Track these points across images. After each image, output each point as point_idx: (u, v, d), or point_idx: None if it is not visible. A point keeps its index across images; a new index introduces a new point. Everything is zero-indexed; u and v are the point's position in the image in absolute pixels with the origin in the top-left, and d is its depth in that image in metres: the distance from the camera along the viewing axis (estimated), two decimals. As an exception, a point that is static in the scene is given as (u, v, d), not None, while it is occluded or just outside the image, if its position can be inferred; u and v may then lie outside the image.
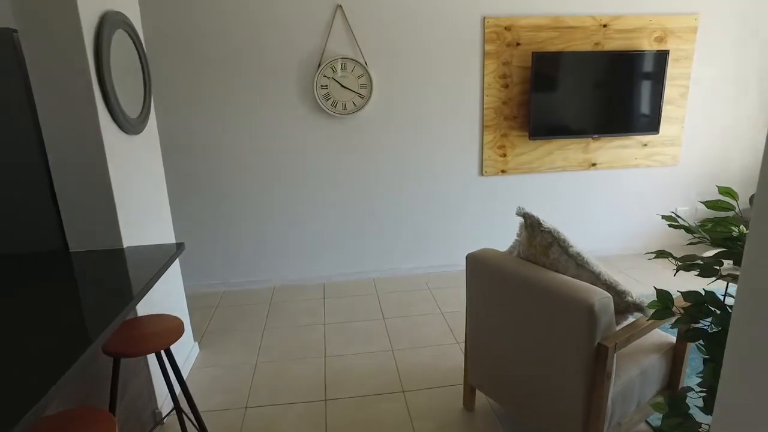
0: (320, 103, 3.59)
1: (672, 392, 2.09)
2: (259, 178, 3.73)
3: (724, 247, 1.33)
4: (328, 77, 3.57)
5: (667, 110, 4.07)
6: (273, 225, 3.83)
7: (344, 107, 3.63)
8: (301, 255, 3.93)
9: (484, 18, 3.63)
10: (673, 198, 4.39)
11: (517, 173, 4.01)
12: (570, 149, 4.04)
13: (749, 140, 4.41)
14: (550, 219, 4.19)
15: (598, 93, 3.85)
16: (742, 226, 1.30)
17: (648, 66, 3.86)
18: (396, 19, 3.55)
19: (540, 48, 3.74)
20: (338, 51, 3.55)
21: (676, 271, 1.39)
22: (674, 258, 1.43)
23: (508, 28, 3.66)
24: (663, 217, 1.44)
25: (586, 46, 3.81)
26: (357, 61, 3.56)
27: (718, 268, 1.33)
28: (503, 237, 4.15)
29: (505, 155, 3.95)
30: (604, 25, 3.80)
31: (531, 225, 1.91)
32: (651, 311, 1.72)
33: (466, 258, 2.12)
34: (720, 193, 1.37)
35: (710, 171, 4.40)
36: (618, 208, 4.30)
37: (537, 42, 3.73)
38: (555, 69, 3.72)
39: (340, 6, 3.48)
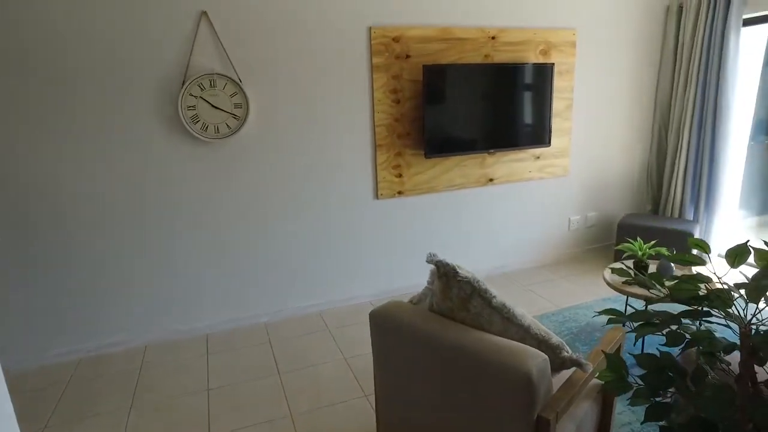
0: (187, 126, 3.03)
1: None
2: (115, 216, 3.07)
3: (688, 306, 1.10)
4: (196, 96, 3.03)
5: (555, 122, 4.07)
6: (139, 271, 3.18)
7: (217, 130, 3.11)
8: (176, 304, 3.31)
9: (370, 28, 3.32)
10: (566, 208, 4.43)
11: (415, 194, 3.76)
12: (467, 165, 3.88)
13: (627, 148, 4.60)
14: (451, 239, 3.99)
15: (491, 106, 3.72)
16: (711, 284, 1.08)
17: (536, 79, 3.82)
18: (272, 29, 3.12)
19: (431, 60, 3.52)
20: (206, 65, 3.04)
21: (636, 341, 1.14)
22: (628, 320, 1.17)
23: (396, 40, 3.39)
24: (601, 312, 1.19)
25: (476, 58, 3.67)
26: (229, 77, 3.06)
27: (685, 334, 1.09)
28: (404, 265, 3.87)
29: (401, 176, 3.67)
30: (493, 38, 3.69)
31: (445, 275, 1.59)
32: (589, 365, 1.48)
33: (370, 316, 1.75)
34: (690, 245, 1.14)
35: (596, 179, 4.50)
36: (517, 222, 4.23)
37: (427, 54, 3.50)
38: (447, 82, 3.52)
39: (205, 13, 2.97)
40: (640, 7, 4.26)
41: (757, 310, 1.07)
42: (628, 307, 3.33)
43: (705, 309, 1.07)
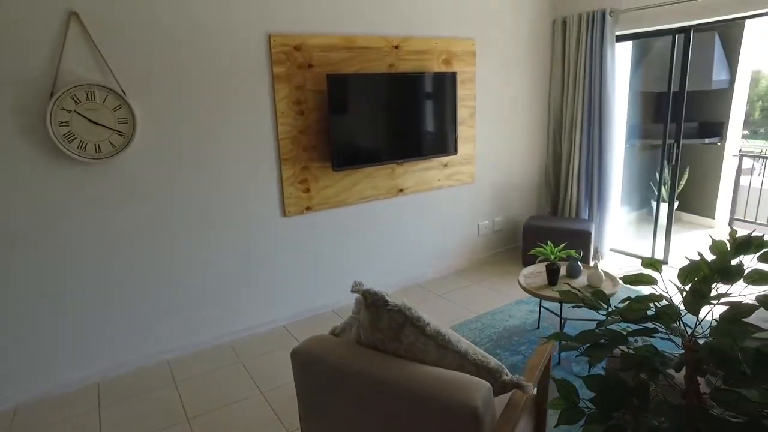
0: (61, 145, 2.62)
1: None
2: (-32, 258, 2.56)
3: (638, 325, 1.06)
4: (69, 110, 2.63)
5: (460, 130, 4.12)
6: (8, 316, 2.68)
7: (98, 149, 2.72)
8: (58, 351, 2.84)
9: (269, 36, 3.11)
10: (475, 214, 4.51)
11: (324, 209, 3.59)
12: (377, 177, 3.79)
13: (527, 154, 4.80)
14: (364, 253, 3.87)
15: (398, 116, 3.67)
16: (662, 302, 1.04)
17: (440, 88, 3.84)
18: (161, 36, 2.80)
19: (334, 70, 3.38)
20: (81, 75, 2.64)
21: (590, 367, 1.07)
22: (579, 345, 1.10)
23: (298, 48, 3.21)
24: (549, 338, 1.12)
25: (381, 67, 3.60)
26: (110, 89, 2.69)
27: (651, 354, 1.04)
28: (319, 283, 3.68)
29: (308, 190, 3.49)
30: (396, 47, 3.64)
31: (374, 304, 1.45)
32: (530, 386, 1.41)
33: (292, 355, 1.57)
34: (643, 265, 1.10)
35: (501, 185, 4.64)
36: (429, 232, 4.22)
37: (331, 63, 3.37)
38: (352, 92, 3.41)
39: (76, 14, 2.59)
40: (529, 20, 4.47)
41: (698, 322, 1.06)
42: (542, 309, 3.43)
43: (653, 326, 1.04)
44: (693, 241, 5.16)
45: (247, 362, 3.10)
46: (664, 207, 4.82)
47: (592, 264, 3.04)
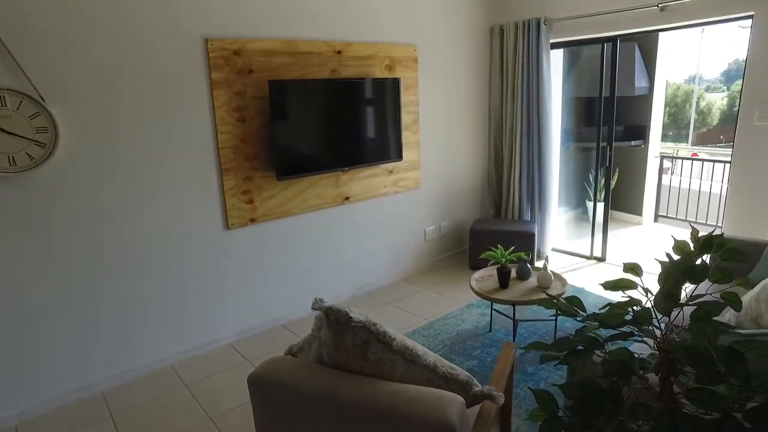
0: (-34, 158, 2.34)
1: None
2: None
3: (616, 331, 1.04)
4: (-24, 119, 2.35)
5: (404, 136, 4.10)
6: None
7: (13, 162, 2.46)
8: (-32, 392, 2.52)
9: (206, 39, 2.95)
10: (421, 219, 4.50)
11: (268, 220, 3.45)
12: (322, 185, 3.69)
13: (470, 158, 4.86)
14: (311, 264, 3.76)
15: (342, 123, 3.60)
16: (641, 306, 1.03)
17: (384, 94, 3.81)
18: (85, 38, 2.56)
19: (276, 75, 3.26)
20: (-12, 80, 2.37)
21: (573, 376, 1.05)
22: (558, 355, 1.07)
23: (237, 53, 3.07)
24: (528, 348, 1.08)
25: (323, 72, 3.51)
26: (25, 95, 2.44)
27: (627, 359, 1.02)
28: (266, 297, 3.52)
29: (252, 201, 3.34)
30: (339, 52, 3.57)
31: (337, 321, 1.37)
32: (501, 396, 1.38)
33: (249, 382, 1.45)
34: (624, 270, 1.08)
35: (446, 189, 4.67)
36: (376, 239, 4.17)
37: (272, 69, 3.24)
38: (295, 98, 3.30)
39: (-19, 14, 2.32)
40: (469, 27, 4.54)
41: (670, 323, 1.06)
42: (493, 312, 3.45)
43: (629, 330, 1.03)
44: (626, 238, 5.42)
45: (192, 386, 2.90)
46: (598, 206, 5.04)
47: (541, 265, 3.10)
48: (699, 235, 1.12)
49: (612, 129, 4.39)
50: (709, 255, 1.09)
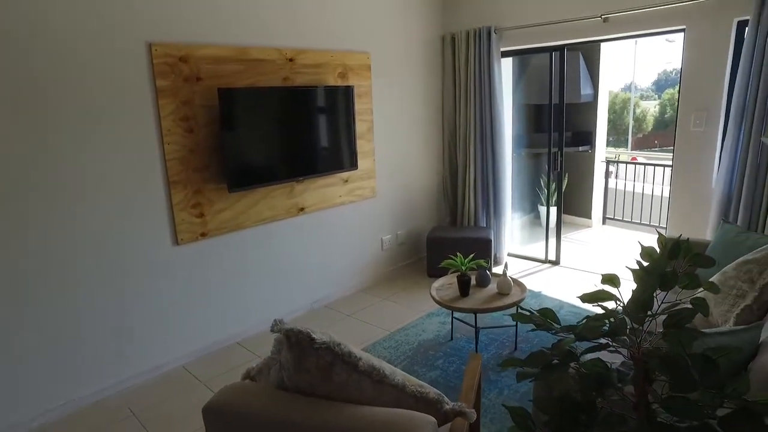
0: None
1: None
2: None
3: (592, 342, 1.01)
4: None
5: (359, 144, 4.05)
6: None
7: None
8: None
9: (150, 45, 2.79)
10: (378, 228, 4.45)
11: (221, 234, 3.30)
12: (275, 197, 3.57)
13: (425, 165, 4.86)
14: (266, 278, 3.62)
15: (295, 132, 3.51)
16: (617, 317, 1.00)
17: (338, 102, 3.75)
18: (16, 39, 2.36)
19: (226, 83, 3.13)
20: None
21: (556, 393, 1.01)
22: (532, 371, 1.03)
23: (184, 59, 2.92)
24: (504, 364, 1.05)
25: (275, 81, 3.41)
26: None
27: (603, 370, 1.00)
28: (219, 315, 3.36)
29: (202, 215, 3.18)
30: (291, 59, 3.48)
31: (298, 344, 1.28)
32: (473, 413, 1.34)
33: (204, 413, 1.34)
34: (603, 281, 1.06)
35: (402, 197, 4.64)
36: (332, 250, 4.08)
37: (222, 76, 3.11)
38: (246, 107, 3.18)
39: None
40: (421, 35, 4.55)
41: (643, 332, 1.04)
42: (454, 320, 3.43)
43: (605, 341, 1.01)
44: (578, 240, 5.56)
45: (141, 414, 2.71)
46: (550, 210, 5.15)
47: (499, 271, 3.11)
48: (665, 241, 1.11)
49: (562, 135, 4.50)
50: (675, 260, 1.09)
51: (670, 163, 4.10)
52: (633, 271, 1.06)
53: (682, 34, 3.59)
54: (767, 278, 2.13)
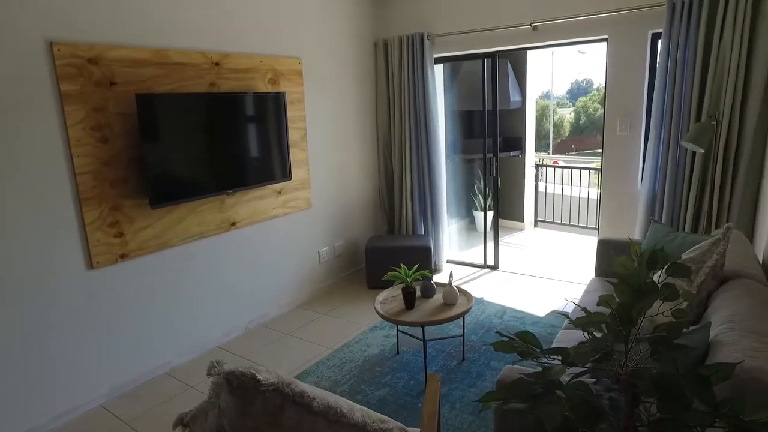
0: None
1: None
2: None
3: (584, 366, 0.92)
4: None
5: (292, 153, 3.86)
6: None
7: None
8: None
9: (51, 44, 2.46)
10: (314, 241, 4.26)
11: (144, 254, 2.99)
12: (204, 211, 3.30)
13: (360, 174, 4.74)
14: (196, 300, 3.33)
15: (224, 141, 3.27)
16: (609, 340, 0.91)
17: (269, 109, 3.54)
18: None
19: (145, 88, 2.85)
20: None
21: (549, 429, 0.90)
22: (519, 407, 0.92)
23: (94, 61, 2.61)
24: (484, 400, 0.93)
25: (201, 86, 3.16)
26: None
27: (591, 398, 0.90)
28: (144, 345, 3.03)
29: (122, 234, 2.86)
30: (217, 64, 3.24)
31: (241, 387, 1.10)
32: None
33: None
34: (599, 304, 0.96)
35: (338, 208, 4.49)
36: (267, 266, 3.84)
37: (139, 81, 2.82)
38: (169, 114, 2.91)
39: None
40: (353, 41, 4.44)
41: (628, 351, 0.96)
42: (399, 333, 3.31)
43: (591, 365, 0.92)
44: (513, 244, 5.66)
45: (49, 468, 2.35)
46: (487, 215, 5.20)
47: (444, 280, 3.03)
48: (639, 251, 1.05)
49: (496, 140, 4.55)
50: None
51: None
52: (614, 284, 0.98)
53: (604, 43, 3.73)
54: (703, 276, 2.19)
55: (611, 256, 3.19)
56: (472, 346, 3.26)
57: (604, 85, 3.82)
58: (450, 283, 2.96)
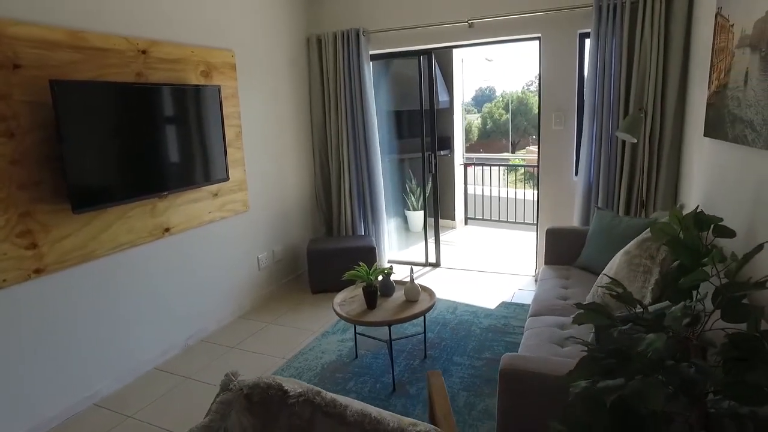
0: None
1: None
2: None
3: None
4: None
5: (228, 152, 3.57)
6: None
7: None
8: None
9: (-57, 16, 2.04)
10: (253, 246, 3.99)
11: (64, 267, 2.58)
12: (134, 216, 2.94)
13: (297, 175, 4.53)
14: (124, 318, 2.95)
15: (153, 138, 2.94)
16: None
17: (203, 103, 3.25)
18: None
19: (59, 75, 2.46)
20: None
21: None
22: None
23: (-5, 39, 2.21)
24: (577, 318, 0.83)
25: (126, 75, 2.81)
26: None
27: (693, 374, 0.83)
28: (66, 373, 2.62)
29: (35, 245, 2.45)
30: (143, 51, 2.91)
31: (265, 403, 0.91)
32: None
33: None
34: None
35: (276, 210, 4.25)
36: (205, 275, 3.51)
37: (52, 66, 2.44)
38: (91, 106, 2.55)
39: None
40: (285, 35, 4.24)
41: (693, 312, 0.91)
42: (357, 336, 3.15)
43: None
44: (448, 241, 5.71)
45: None
46: (426, 213, 5.19)
47: (407, 278, 2.94)
48: (680, 215, 1.02)
49: (434, 139, 4.56)
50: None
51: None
52: (668, 243, 0.93)
53: (537, 42, 3.86)
54: (664, 253, 2.28)
55: (560, 244, 3.28)
56: (431, 343, 3.19)
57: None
58: (411, 280, 2.87)
